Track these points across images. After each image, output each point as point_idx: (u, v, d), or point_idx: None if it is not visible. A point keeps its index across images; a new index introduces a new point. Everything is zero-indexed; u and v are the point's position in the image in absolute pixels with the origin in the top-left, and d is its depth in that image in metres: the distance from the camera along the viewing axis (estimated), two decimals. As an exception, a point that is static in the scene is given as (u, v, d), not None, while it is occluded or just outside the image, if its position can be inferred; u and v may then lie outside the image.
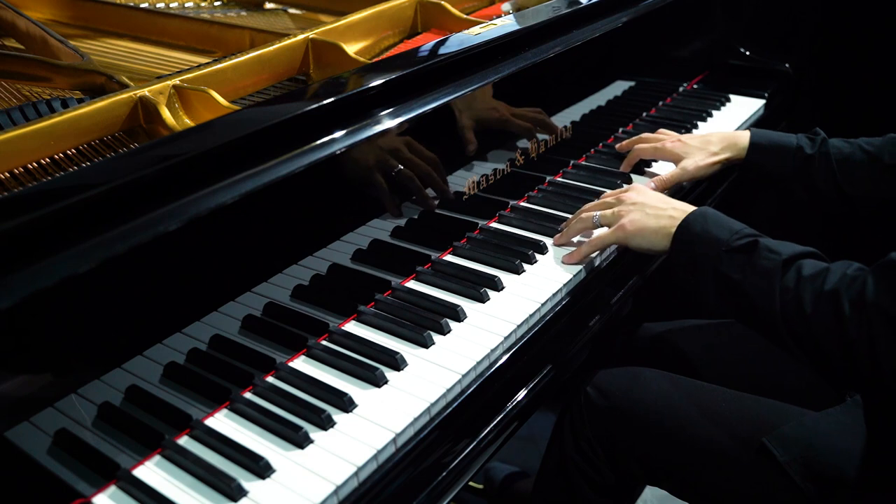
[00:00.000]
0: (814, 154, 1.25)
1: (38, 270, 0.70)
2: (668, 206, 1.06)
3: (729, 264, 0.94)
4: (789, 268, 0.90)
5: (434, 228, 1.15)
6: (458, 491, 0.87)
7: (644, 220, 1.06)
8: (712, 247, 0.96)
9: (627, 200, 1.10)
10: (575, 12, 1.37)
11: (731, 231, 0.97)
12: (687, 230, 1.00)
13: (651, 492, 1.60)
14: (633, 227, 1.06)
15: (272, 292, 0.93)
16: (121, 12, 1.46)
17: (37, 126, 0.90)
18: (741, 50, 1.85)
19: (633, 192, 1.13)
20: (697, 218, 1.01)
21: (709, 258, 0.96)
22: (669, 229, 1.02)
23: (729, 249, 0.95)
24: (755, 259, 0.92)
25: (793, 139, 1.28)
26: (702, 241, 0.98)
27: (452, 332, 0.99)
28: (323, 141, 0.94)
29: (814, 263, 0.90)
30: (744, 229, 0.97)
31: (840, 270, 0.87)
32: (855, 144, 1.25)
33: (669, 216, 1.04)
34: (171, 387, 0.84)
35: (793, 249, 0.92)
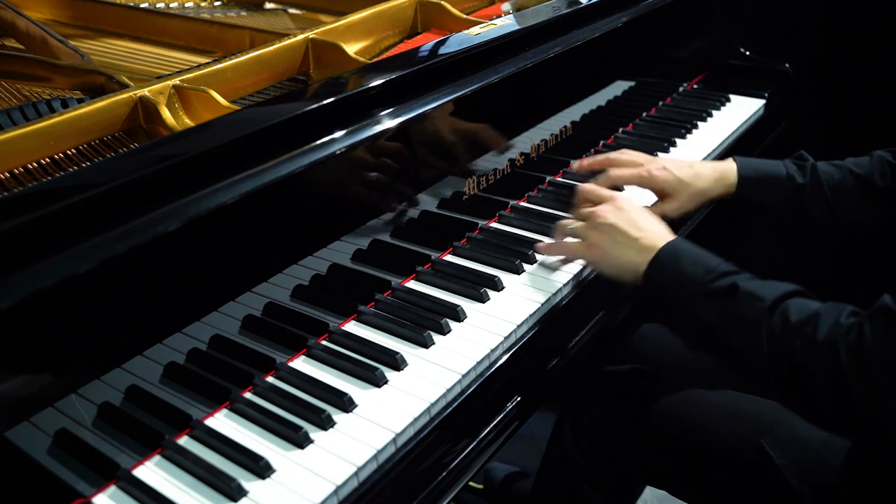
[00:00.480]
0: (805, 183, 1.18)
1: (38, 270, 0.70)
2: (640, 235, 0.98)
3: (707, 309, 0.89)
4: (774, 313, 0.85)
5: (434, 228, 1.15)
6: (458, 491, 0.87)
7: (611, 248, 1.00)
8: (687, 288, 0.91)
9: (600, 218, 1.03)
10: (575, 12, 1.37)
11: (707, 269, 0.91)
12: (658, 270, 0.94)
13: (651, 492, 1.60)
14: (599, 253, 1.02)
15: (272, 292, 0.93)
16: (121, 12, 1.46)
17: (37, 126, 0.90)
18: (741, 50, 1.85)
19: (609, 207, 1.04)
20: (668, 255, 0.94)
21: (684, 300, 0.91)
22: (638, 266, 0.96)
23: (706, 292, 0.89)
24: (736, 306, 0.87)
25: (781, 168, 1.20)
26: (675, 281, 0.92)
27: (452, 332, 0.99)
28: (323, 141, 0.94)
29: (800, 305, 0.84)
30: (720, 266, 0.91)
31: (831, 316, 0.82)
32: (844, 168, 1.19)
33: (639, 249, 0.97)
34: (171, 387, 0.84)
35: (776, 292, 0.86)
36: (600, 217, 1.03)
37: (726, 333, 0.87)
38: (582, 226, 1.05)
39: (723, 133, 1.58)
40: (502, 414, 0.94)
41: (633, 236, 0.99)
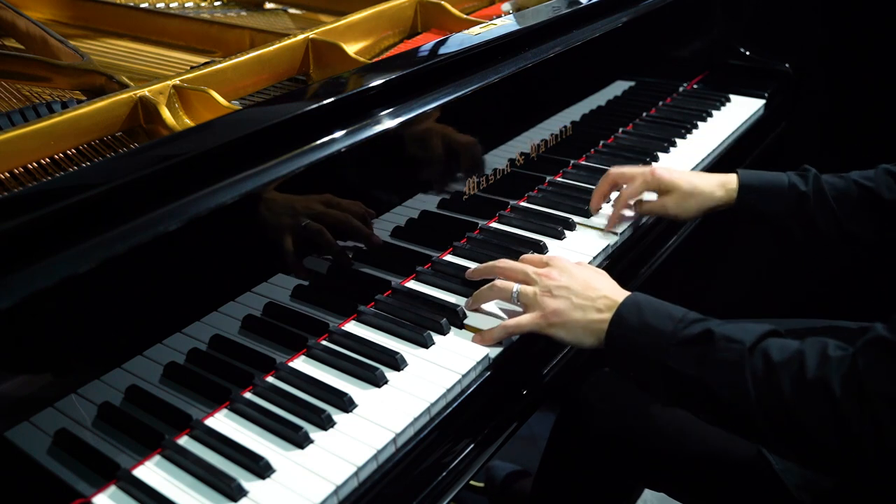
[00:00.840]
0: (808, 191, 1.16)
1: (38, 270, 0.70)
2: (597, 295, 0.93)
3: (680, 359, 0.83)
4: (753, 354, 0.80)
5: (434, 228, 1.15)
6: (459, 490, 0.87)
7: (570, 312, 0.92)
8: (655, 341, 0.85)
9: (551, 282, 0.96)
10: (575, 12, 1.37)
11: (674, 319, 0.86)
12: (621, 325, 0.89)
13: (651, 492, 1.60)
14: (558, 318, 0.93)
15: (272, 292, 0.93)
16: (121, 12, 1.46)
17: (37, 126, 0.90)
18: (741, 50, 1.85)
19: (557, 269, 0.98)
20: (630, 309, 0.89)
21: (654, 354, 0.85)
22: (600, 325, 0.90)
23: (678, 342, 0.84)
24: (714, 352, 0.82)
25: (784, 178, 1.18)
26: (641, 335, 0.87)
27: (453, 332, 0.99)
28: (323, 141, 0.94)
29: (780, 344, 0.81)
30: (687, 315, 0.87)
31: (817, 352, 0.78)
32: (849, 179, 1.17)
33: (597, 309, 0.91)
34: (171, 387, 0.84)
35: (753, 333, 0.82)
36: (553, 280, 0.96)
37: (706, 382, 0.82)
38: (532, 291, 0.96)
39: (723, 133, 1.58)
40: (502, 414, 0.94)
41: (591, 296, 0.93)
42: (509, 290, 0.98)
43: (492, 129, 1.23)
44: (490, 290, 1.00)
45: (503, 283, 0.99)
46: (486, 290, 1.01)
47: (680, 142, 1.53)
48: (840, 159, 1.25)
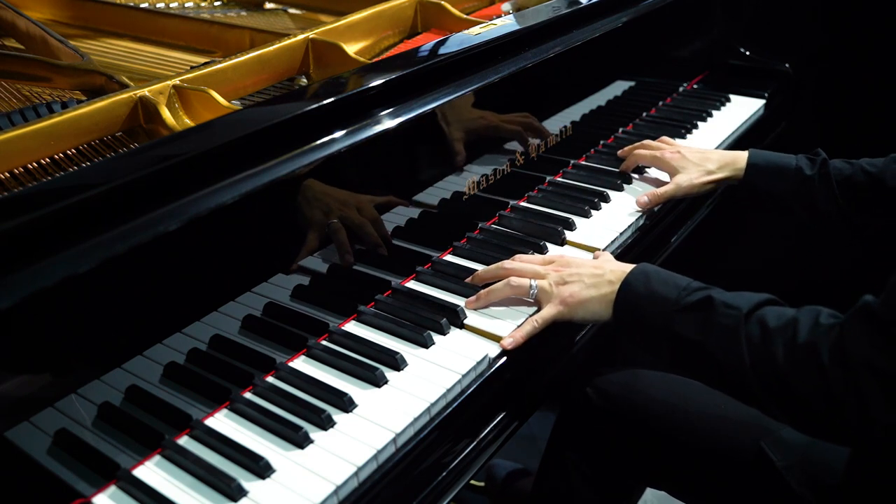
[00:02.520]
0: (813, 175, 1.20)
1: (38, 270, 0.70)
2: (606, 271, 0.99)
3: (683, 324, 0.88)
4: (751, 320, 0.84)
5: (434, 228, 1.15)
6: (459, 490, 0.87)
7: (584, 291, 0.98)
8: (661, 307, 0.90)
9: (563, 272, 1.02)
10: (575, 12, 1.38)
11: (678, 287, 0.91)
12: (630, 293, 0.94)
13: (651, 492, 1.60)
14: (575, 300, 0.98)
15: (272, 292, 0.93)
16: (121, 12, 1.46)
17: (37, 126, 0.90)
18: (741, 50, 1.85)
19: (561, 262, 1.05)
20: (638, 277, 0.95)
21: (659, 319, 0.90)
22: (611, 295, 0.96)
23: (681, 308, 0.88)
24: (713, 317, 0.86)
25: (792, 160, 1.23)
26: (648, 302, 0.92)
27: (452, 332, 0.99)
28: (323, 141, 0.94)
29: (777, 312, 0.84)
30: (691, 283, 0.91)
31: (810, 319, 0.81)
32: (857, 165, 1.20)
33: (609, 281, 0.97)
34: (171, 387, 0.84)
35: (751, 300, 0.86)
36: (562, 270, 1.02)
37: (706, 346, 0.86)
38: (547, 284, 1.01)
39: (723, 133, 1.58)
40: (502, 414, 0.94)
41: (599, 273, 0.99)
42: (526, 287, 1.02)
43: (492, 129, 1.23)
44: (507, 287, 1.03)
45: (518, 280, 1.03)
46: (501, 287, 1.03)
47: (680, 142, 1.53)
48: (840, 159, 1.26)
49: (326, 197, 0.96)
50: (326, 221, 0.97)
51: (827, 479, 0.95)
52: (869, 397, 0.74)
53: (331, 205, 0.97)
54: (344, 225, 0.99)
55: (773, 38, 1.93)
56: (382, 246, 1.06)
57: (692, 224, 1.39)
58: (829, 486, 0.95)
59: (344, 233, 1.00)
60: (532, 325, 1.00)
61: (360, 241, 1.03)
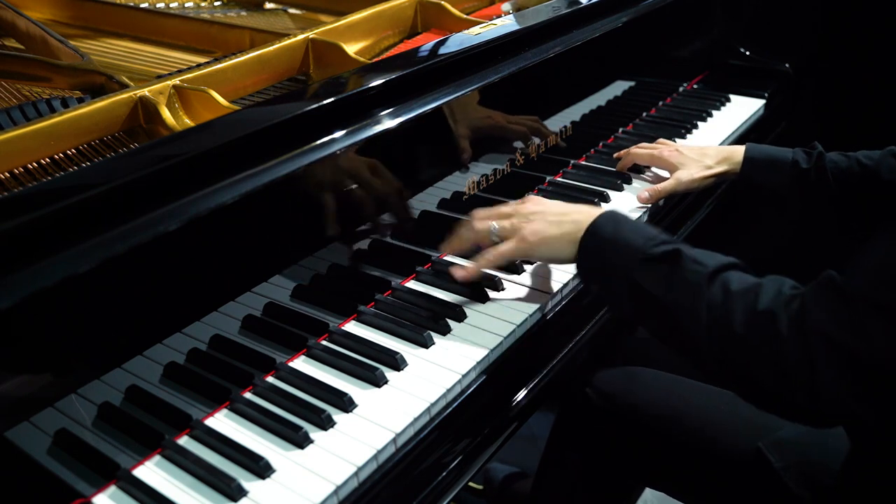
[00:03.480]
0: (809, 168, 1.20)
1: (38, 270, 0.70)
2: (572, 211, 0.98)
3: (646, 275, 0.85)
4: (714, 280, 0.82)
5: (434, 228, 1.15)
6: (458, 491, 0.87)
7: (546, 228, 0.97)
8: (626, 254, 0.88)
9: (525, 211, 1.01)
10: (575, 12, 1.37)
11: (647, 237, 0.88)
12: (595, 234, 0.92)
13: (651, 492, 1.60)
14: (536, 237, 0.97)
15: (272, 292, 0.93)
16: (121, 12, 1.46)
17: (37, 126, 0.90)
18: (741, 50, 1.85)
19: (531, 202, 1.03)
20: (607, 221, 0.92)
21: (622, 266, 0.88)
22: (575, 235, 0.94)
23: (646, 258, 0.86)
24: (677, 270, 0.84)
25: (789, 153, 1.23)
26: (613, 246, 0.90)
27: (452, 332, 0.99)
28: (323, 141, 0.94)
29: (741, 277, 0.83)
30: (660, 235, 0.89)
31: (773, 287, 0.80)
32: (853, 158, 1.20)
33: (573, 220, 0.95)
34: (171, 387, 0.84)
35: (717, 260, 0.84)
36: (527, 209, 1.01)
37: (665, 300, 0.84)
38: (509, 223, 1.00)
39: (723, 133, 1.58)
40: (502, 414, 0.94)
41: (565, 211, 0.98)
42: (487, 228, 1.01)
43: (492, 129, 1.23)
44: (468, 231, 1.03)
45: (482, 223, 1.02)
46: (464, 232, 1.03)
47: (680, 142, 1.53)
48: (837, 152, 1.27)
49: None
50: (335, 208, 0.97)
51: (824, 479, 0.95)
52: (820, 369, 0.74)
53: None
54: None
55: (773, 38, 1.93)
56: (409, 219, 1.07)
57: (692, 224, 1.39)
58: (827, 486, 0.95)
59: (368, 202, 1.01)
60: (487, 258, 0.99)
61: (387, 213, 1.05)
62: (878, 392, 0.73)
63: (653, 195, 1.28)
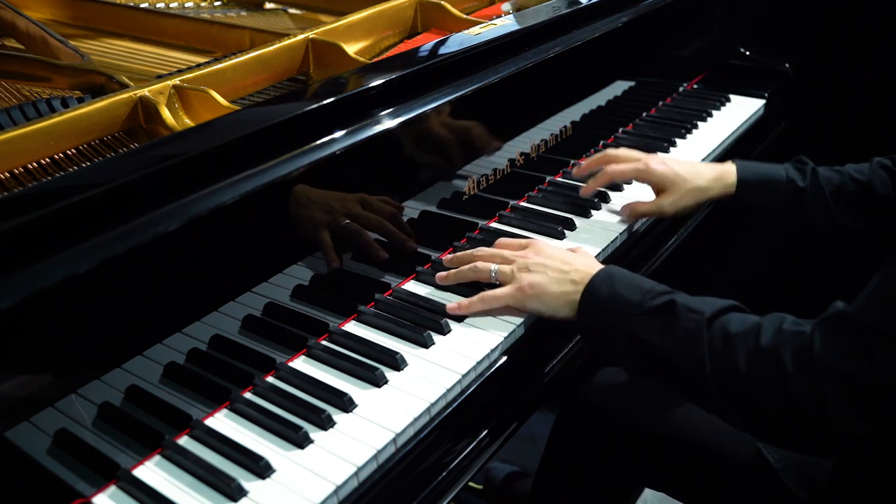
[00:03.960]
0: (805, 187, 1.16)
1: (38, 270, 0.70)
2: (571, 269, 0.97)
3: (645, 328, 0.86)
4: (713, 325, 0.83)
5: (434, 228, 1.15)
6: (458, 491, 0.87)
7: (546, 283, 0.96)
8: (624, 311, 0.89)
9: (528, 260, 1.00)
10: (575, 12, 1.37)
11: (642, 291, 0.89)
12: (593, 295, 0.92)
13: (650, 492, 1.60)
14: (533, 290, 0.97)
15: (272, 292, 0.93)
16: (121, 12, 1.46)
17: (37, 126, 0.90)
18: (741, 50, 1.85)
19: (533, 250, 1.03)
20: (603, 280, 0.93)
21: (622, 323, 0.88)
22: (573, 296, 0.94)
23: (643, 312, 0.87)
24: (675, 321, 0.85)
25: (781, 172, 1.19)
26: (611, 305, 0.90)
27: (453, 332, 0.99)
28: (323, 141, 0.94)
29: (740, 318, 0.83)
30: (655, 287, 0.90)
31: (773, 325, 0.80)
32: (844, 174, 1.18)
33: (572, 280, 0.95)
34: (171, 387, 0.84)
35: (714, 306, 0.85)
36: (529, 258, 1.00)
37: (667, 351, 0.85)
38: (510, 269, 1.00)
39: (723, 133, 1.58)
40: (502, 414, 0.94)
41: (566, 269, 0.97)
42: (487, 270, 1.02)
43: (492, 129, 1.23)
44: (470, 271, 1.03)
45: (483, 263, 1.03)
46: (465, 271, 1.04)
47: (680, 142, 1.53)
48: (840, 159, 1.26)
49: (330, 198, 0.96)
50: (331, 221, 0.97)
51: (823, 479, 0.95)
52: (831, 404, 0.73)
53: (335, 205, 0.98)
54: (359, 224, 1.00)
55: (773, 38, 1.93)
56: (407, 238, 1.07)
57: (692, 224, 1.39)
58: (826, 486, 0.95)
59: (363, 233, 1.01)
60: (481, 301, 0.99)
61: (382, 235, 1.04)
62: (889, 420, 0.73)
63: (628, 215, 1.24)
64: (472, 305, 1.00)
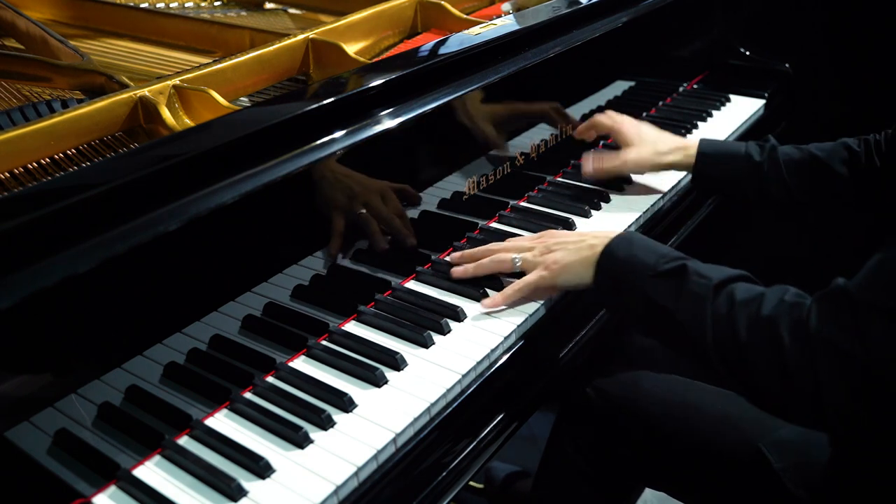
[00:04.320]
0: (762, 161, 1.24)
1: (38, 270, 0.70)
2: (588, 236, 1.01)
3: (656, 290, 0.89)
4: (720, 292, 0.85)
5: (434, 228, 1.15)
6: (459, 490, 0.87)
7: (567, 256, 1.00)
8: (638, 272, 0.92)
9: (547, 243, 1.04)
10: (575, 12, 1.37)
11: (658, 255, 0.92)
12: (611, 256, 0.96)
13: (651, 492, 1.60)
14: (557, 265, 1.00)
15: (272, 292, 0.93)
16: (121, 12, 1.46)
17: (37, 126, 0.90)
18: (741, 50, 1.85)
19: (548, 235, 1.08)
20: (621, 243, 0.96)
21: (635, 284, 0.91)
22: (592, 259, 0.97)
23: (656, 274, 0.90)
24: (684, 284, 0.88)
25: (741, 147, 1.27)
26: (627, 266, 0.93)
27: (453, 332, 0.99)
28: (323, 141, 0.94)
29: (747, 287, 0.85)
30: (671, 252, 0.92)
31: (776, 296, 0.82)
32: (805, 150, 1.24)
33: (590, 245, 0.99)
34: (171, 387, 0.84)
35: (724, 273, 0.87)
36: (545, 241, 1.05)
37: (675, 313, 0.88)
38: (531, 255, 1.04)
39: (723, 133, 1.58)
40: (502, 414, 0.94)
41: (583, 238, 1.01)
42: (509, 260, 1.05)
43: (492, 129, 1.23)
44: (491, 263, 1.06)
45: (504, 254, 1.06)
46: (487, 263, 1.06)
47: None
48: (791, 145, 1.28)
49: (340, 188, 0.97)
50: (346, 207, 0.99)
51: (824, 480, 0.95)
52: (824, 377, 0.75)
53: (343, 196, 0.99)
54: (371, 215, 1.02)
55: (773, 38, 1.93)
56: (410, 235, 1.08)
57: (693, 224, 1.39)
58: (826, 487, 0.95)
59: (374, 223, 1.03)
60: (514, 288, 1.02)
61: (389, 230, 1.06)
62: (879, 396, 0.73)
63: (597, 170, 1.32)
64: (507, 296, 1.02)
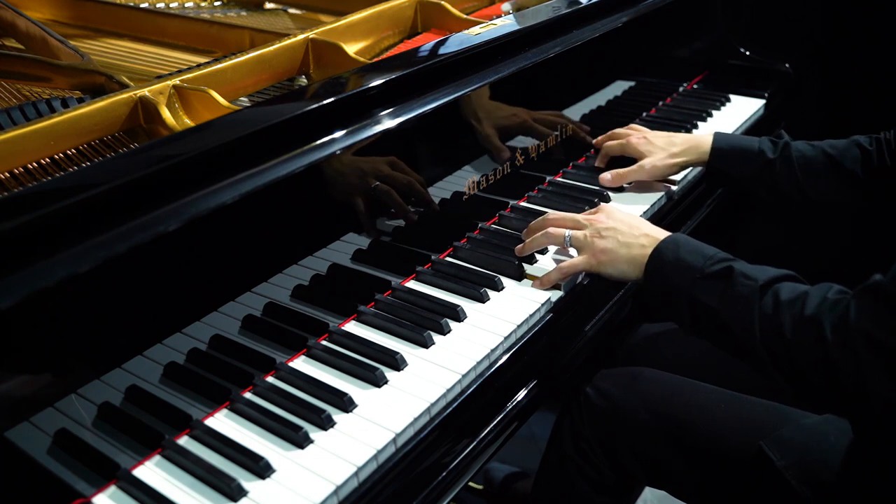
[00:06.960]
0: (775, 158, 1.26)
1: (38, 270, 0.70)
2: (640, 234, 1.03)
3: (704, 292, 0.92)
4: (766, 293, 0.88)
5: (434, 228, 1.15)
6: (458, 491, 0.87)
7: (616, 248, 1.03)
8: (686, 274, 0.94)
9: (600, 224, 1.06)
10: (575, 12, 1.37)
11: (705, 257, 0.94)
12: (659, 259, 0.98)
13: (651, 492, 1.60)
14: (606, 256, 1.03)
15: (272, 292, 0.93)
16: (121, 12, 1.46)
17: (37, 126, 0.90)
18: (741, 50, 1.85)
19: (604, 214, 1.09)
20: (669, 245, 0.99)
21: (683, 286, 0.94)
22: (641, 259, 1.00)
23: (703, 276, 0.92)
24: (731, 286, 0.90)
25: (755, 143, 1.29)
26: (675, 269, 0.96)
27: (452, 332, 0.99)
28: (323, 141, 0.94)
29: (791, 287, 0.88)
30: (717, 254, 0.95)
31: (820, 294, 0.84)
32: (818, 148, 1.26)
33: (641, 245, 1.01)
34: (171, 387, 0.84)
35: (769, 274, 0.90)
36: (601, 223, 1.06)
37: (722, 314, 0.90)
38: (583, 235, 1.07)
39: (723, 133, 1.58)
40: (502, 414, 0.94)
41: (635, 233, 1.03)
42: (562, 236, 1.09)
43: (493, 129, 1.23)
44: (544, 237, 1.10)
45: (556, 230, 1.10)
46: (539, 237, 1.11)
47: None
48: (804, 141, 1.28)
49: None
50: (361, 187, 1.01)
51: (826, 477, 0.95)
52: (867, 371, 0.77)
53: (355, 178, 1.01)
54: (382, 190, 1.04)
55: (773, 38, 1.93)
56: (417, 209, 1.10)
57: (693, 223, 1.39)
58: (829, 484, 0.95)
59: (392, 192, 1.05)
60: (559, 272, 1.06)
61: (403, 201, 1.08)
62: None
63: (615, 179, 1.33)
64: (551, 278, 1.06)
